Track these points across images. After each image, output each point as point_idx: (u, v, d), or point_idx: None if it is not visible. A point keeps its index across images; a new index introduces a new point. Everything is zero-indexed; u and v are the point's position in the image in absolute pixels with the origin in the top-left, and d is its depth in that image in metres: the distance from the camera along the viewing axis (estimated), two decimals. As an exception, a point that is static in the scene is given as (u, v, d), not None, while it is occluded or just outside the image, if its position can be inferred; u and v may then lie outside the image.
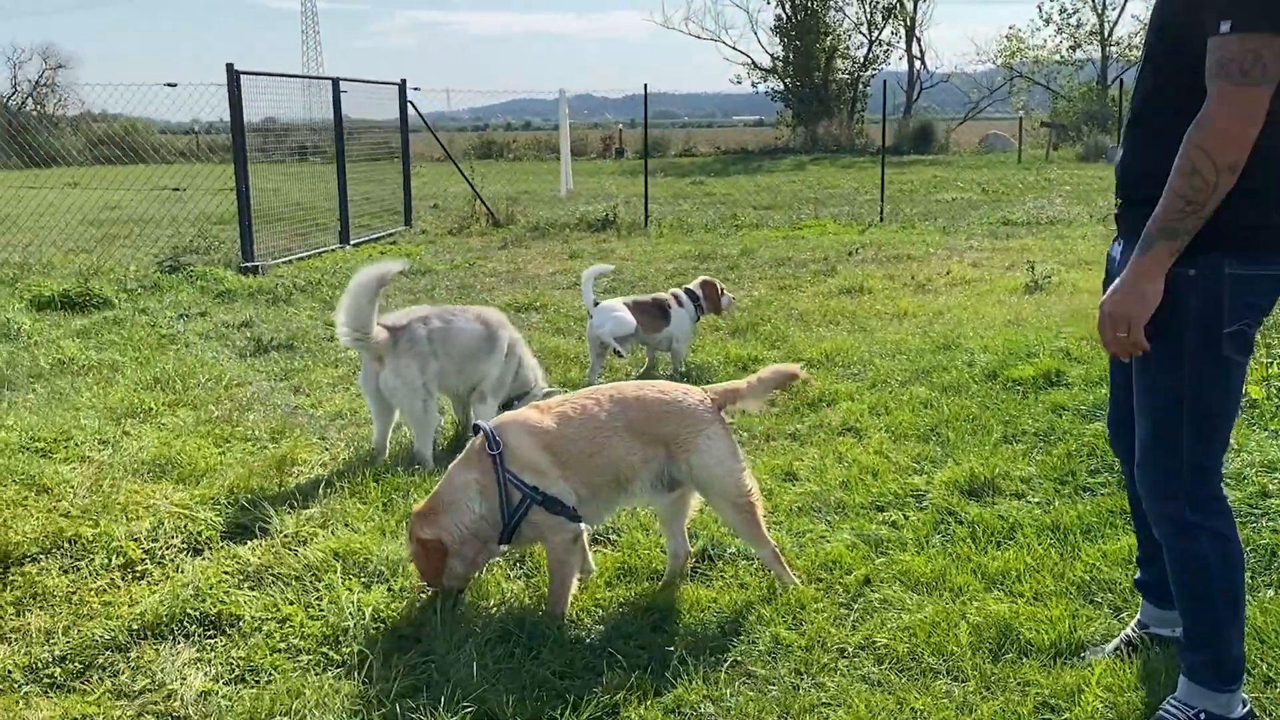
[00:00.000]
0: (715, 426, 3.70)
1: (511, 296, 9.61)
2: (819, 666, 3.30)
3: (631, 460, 3.62)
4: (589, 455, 3.56)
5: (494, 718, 3.01)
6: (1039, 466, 4.78)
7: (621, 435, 3.61)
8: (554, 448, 3.55)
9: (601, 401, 3.66)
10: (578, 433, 3.58)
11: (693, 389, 3.79)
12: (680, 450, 3.64)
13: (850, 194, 20.74)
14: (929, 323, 8.14)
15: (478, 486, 3.51)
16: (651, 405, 3.67)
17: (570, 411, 3.63)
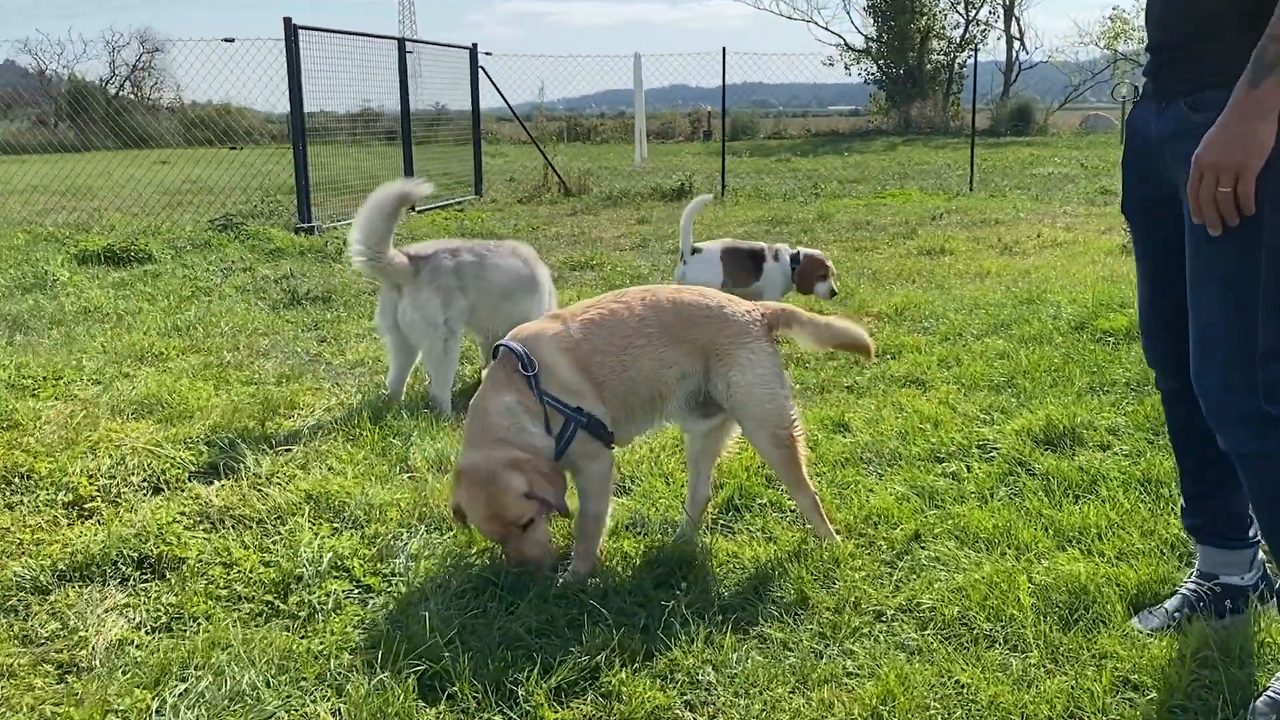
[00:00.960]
0: (761, 342, 3.18)
1: (568, 255, 9.12)
2: (849, 630, 2.73)
3: (666, 375, 3.12)
4: (622, 370, 3.08)
5: (447, 678, 2.50)
6: (1129, 417, 4.12)
7: (655, 344, 3.10)
8: (586, 363, 3.05)
9: (632, 305, 3.15)
10: (608, 343, 3.08)
11: (740, 300, 3.26)
12: (719, 363, 3.13)
13: (940, 169, 19.85)
14: (1013, 281, 7.44)
15: (524, 409, 2.99)
16: (690, 309, 3.16)
17: (597, 318, 3.11)
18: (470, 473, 2.92)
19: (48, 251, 9.15)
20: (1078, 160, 21.25)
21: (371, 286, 7.75)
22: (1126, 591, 2.79)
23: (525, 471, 2.89)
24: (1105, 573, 2.87)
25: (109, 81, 40.98)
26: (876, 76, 42.21)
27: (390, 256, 4.61)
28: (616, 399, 3.08)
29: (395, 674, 2.49)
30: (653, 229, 11.05)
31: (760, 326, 3.19)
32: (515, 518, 2.91)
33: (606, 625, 2.71)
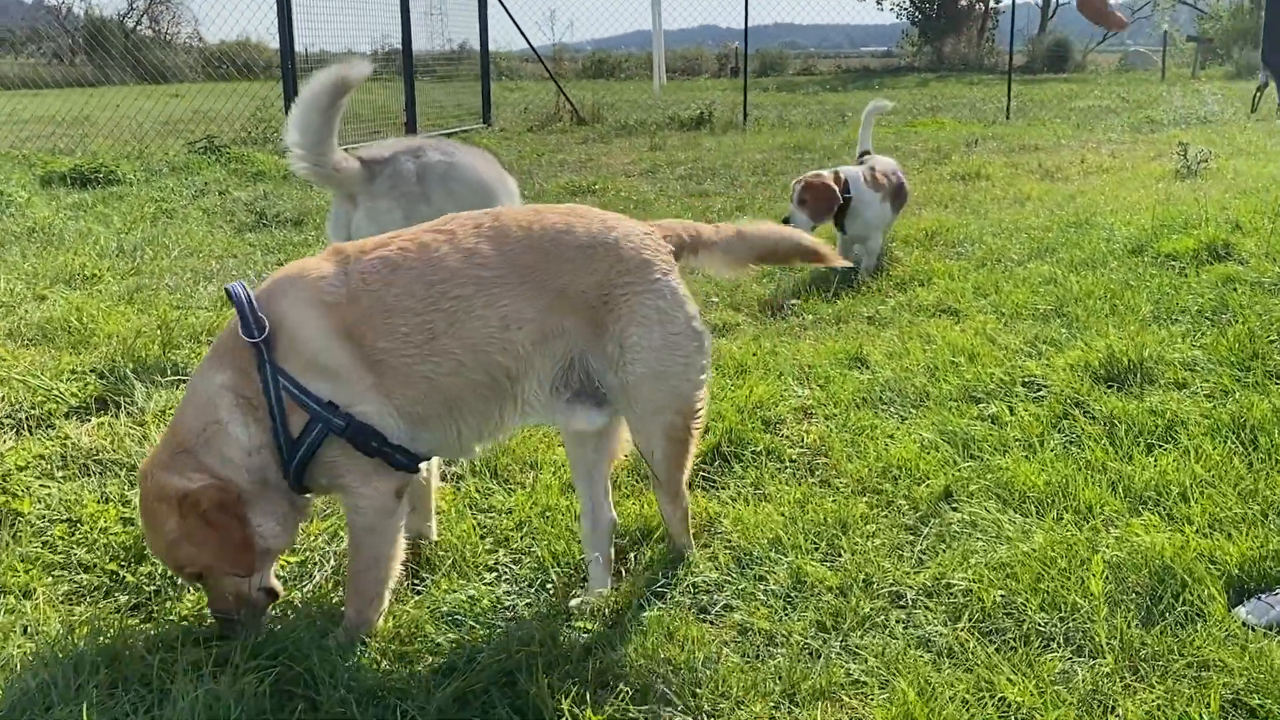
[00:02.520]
0: (669, 280, 2.16)
1: (569, 180, 8.39)
2: (856, 620, 2.08)
3: (515, 340, 2.05)
4: (429, 339, 2.01)
5: (310, 683, 1.85)
6: (1207, 350, 3.40)
7: (492, 292, 2.03)
8: (361, 329, 2.00)
9: (457, 235, 2.09)
10: (407, 295, 2.02)
11: (633, 222, 2.23)
12: (611, 318, 2.11)
13: (975, 101, 18.89)
14: (1057, 205, 6.67)
15: (233, 399, 1.99)
16: (557, 238, 2.10)
17: (395, 255, 2.05)
18: (141, 486, 2.00)
19: (11, 172, 8.50)
20: (1119, 94, 20.23)
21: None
22: (1227, 571, 2.11)
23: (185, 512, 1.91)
24: (1197, 546, 2.19)
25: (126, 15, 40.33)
26: (909, 12, 40.96)
27: (338, 159, 3.84)
28: (418, 387, 2.02)
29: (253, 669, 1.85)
30: (665, 156, 10.29)
31: (667, 255, 2.19)
32: (175, 569, 2.04)
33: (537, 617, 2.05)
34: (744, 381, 3.36)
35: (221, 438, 1.95)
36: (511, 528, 2.49)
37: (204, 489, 1.90)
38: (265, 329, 1.96)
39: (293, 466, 1.97)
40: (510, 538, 2.44)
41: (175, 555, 1.94)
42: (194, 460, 1.94)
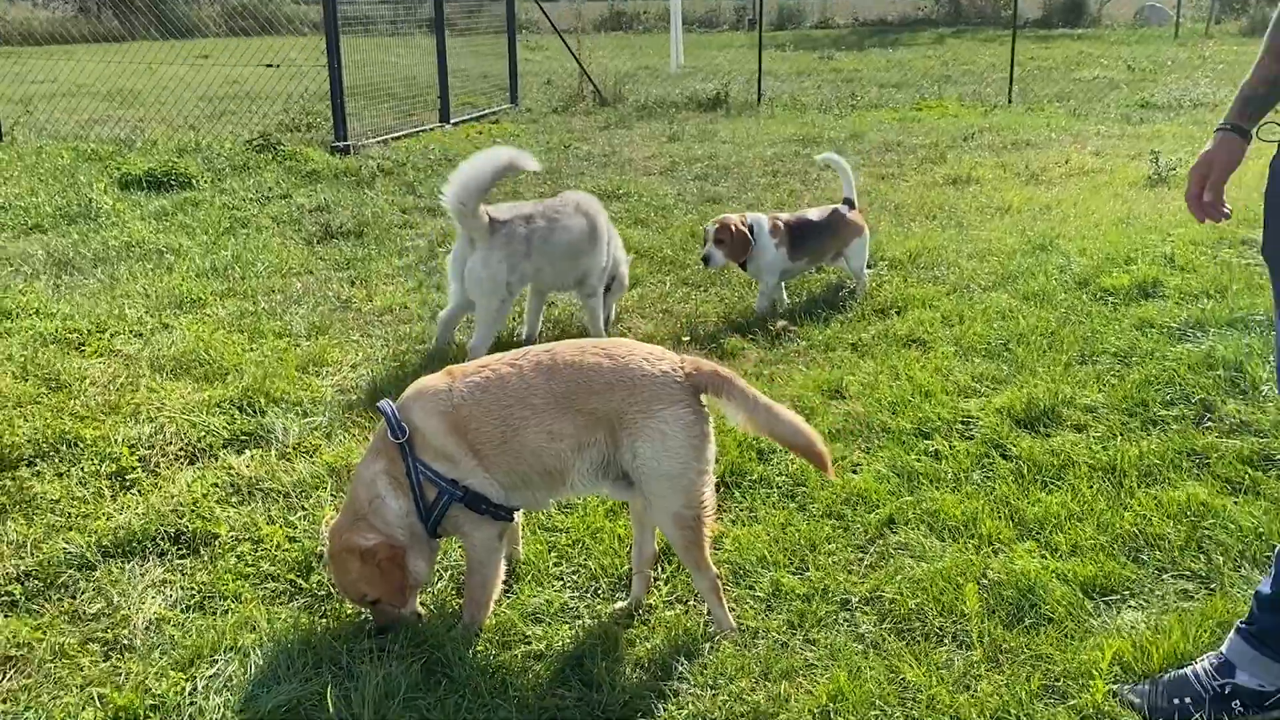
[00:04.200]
0: (678, 408, 2.84)
1: (597, 184, 9.24)
2: (814, 620, 3.00)
3: (558, 448, 2.86)
4: (502, 441, 2.85)
5: (442, 666, 2.80)
6: (1108, 393, 4.29)
7: (542, 416, 2.85)
8: (463, 429, 2.86)
9: (523, 368, 2.90)
10: (487, 410, 2.85)
11: (663, 353, 2.94)
12: (625, 433, 2.83)
13: (984, 71, 19.53)
14: (1032, 219, 7.52)
15: (388, 480, 2.88)
16: (590, 374, 2.86)
17: (483, 380, 2.89)
18: (330, 543, 2.93)
19: (91, 174, 9.41)
20: (1125, 61, 20.80)
21: (402, 221, 7.98)
22: (1073, 588, 3.02)
23: (366, 561, 2.80)
24: (1054, 568, 3.11)
25: (150, -31, 40.98)
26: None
27: (480, 213, 4.85)
28: (502, 469, 2.87)
29: (393, 660, 2.80)
30: (683, 149, 11.11)
31: (680, 388, 2.85)
32: (353, 599, 2.93)
33: (593, 616, 3.00)
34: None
35: (383, 508, 2.88)
36: (569, 544, 3.42)
37: (379, 545, 2.82)
38: (406, 432, 2.87)
39: (429, 524, 2.90)
40: (569, 553, 3.38)
41: (357, 591, 2.88)
42: (367, 524, 2.86)
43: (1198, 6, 35.90)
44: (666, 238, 7.41)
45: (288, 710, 2.62)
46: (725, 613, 2.99)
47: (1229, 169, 2.62)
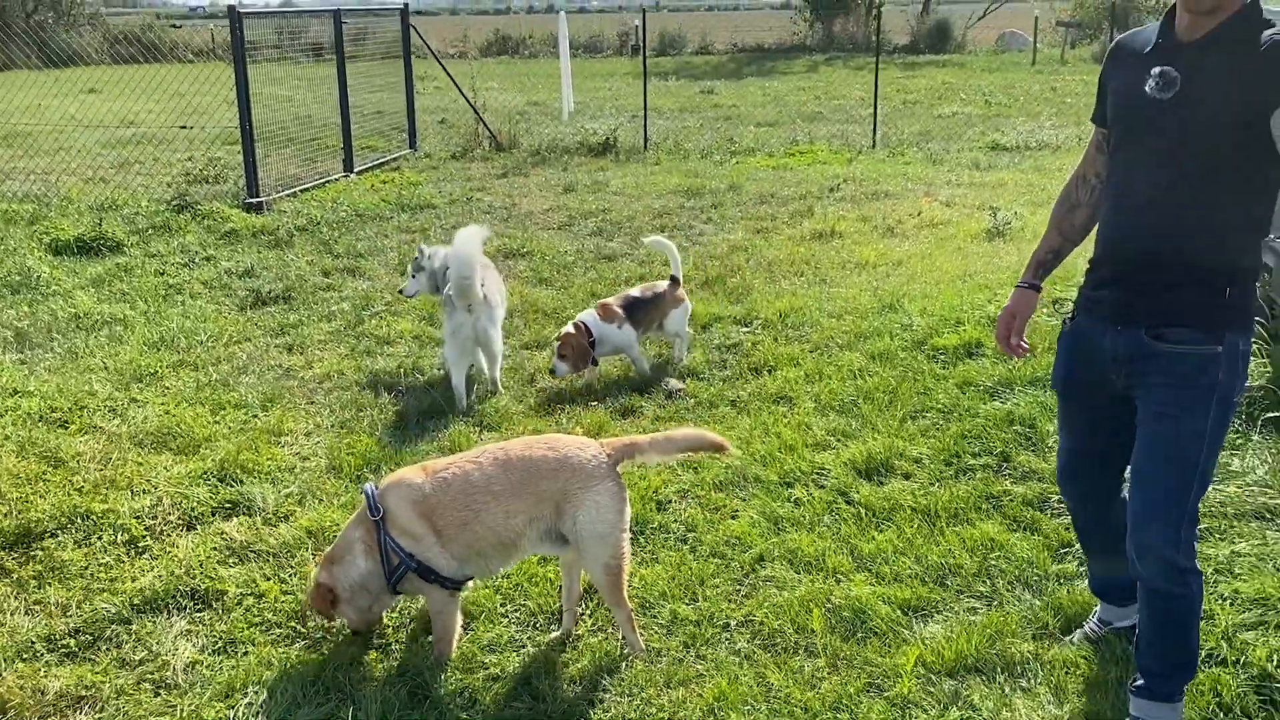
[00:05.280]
0: (606, 483, 3.71)
1: (502, 242, 10.14)
2: (704, 640, 3.96)
3: (513, 524, 3.71)
4: (464, 524, 3.70)
5: (424, 689, 3.69)
6: (931, 447, 5.37)
7: (501, 499, 3.70)
8: (431, 515, 3.71)
9: (483, 464, 3.75)
10: (453, 500, 3.70)
11: (589, 442, 3.86)
12: (568, 505, 3.70)
13: (853, 107, 20.97)
14: (885, 275, 8.66)
15: (363, 545, 3.75)
16: (538, 464, 3.72)
17: (449, 477, 3.74)
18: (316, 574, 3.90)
19: (19, 240, 9.98)
20: (984, 95, 22.46)
21: (325, 283, 8.76)
22: (894, 608, 4.05)
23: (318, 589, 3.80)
24: (880, 593, 4.14)
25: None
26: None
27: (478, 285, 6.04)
28: (462, 546, 3.71)
29: (385, 685, 3.68)
30: (578, 202, 12.07)
31: (605, 468, 3.71)
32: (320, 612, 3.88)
33: (535, 645, 3.93)
34: (646, 472, 5.23)
35: (350, 564, 3.80)
36: (511, 589, 4.33)
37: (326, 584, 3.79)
38: (380, 513, 3.78)
39: (390, 582, 3.81)
40: (512, 595, 4.29)
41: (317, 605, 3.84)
42: (330, 570, 3.81)
43: (1055, 33, 38.17)
44: (569, 296, 8.34)
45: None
46: (637, 638, 3.91)
47: (1028, 317, 3.46)
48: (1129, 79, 3.04)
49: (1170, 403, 3.01)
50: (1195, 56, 2.88)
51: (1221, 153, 2.87)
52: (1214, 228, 2.94)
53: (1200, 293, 2.97)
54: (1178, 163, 2.94)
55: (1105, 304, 3.15)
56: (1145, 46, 3.03)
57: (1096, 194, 3.28)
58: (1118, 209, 3.12)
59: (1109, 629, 3.77)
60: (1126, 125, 3.07)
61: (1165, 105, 2.91)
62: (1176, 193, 2.95)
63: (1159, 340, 3.01)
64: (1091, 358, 3.22)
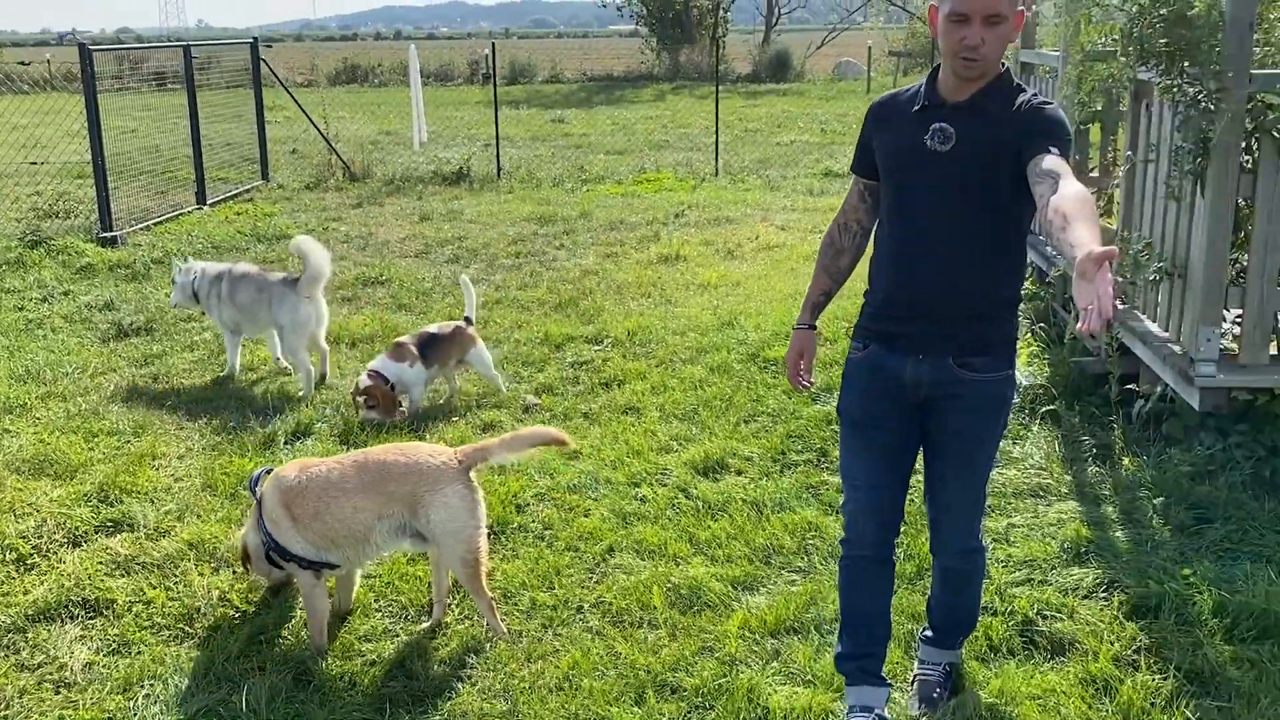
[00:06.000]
0: (455, 486, 4.15)
1: (360, 269, 10.48)
2: (561, 621, 4.46)
3: (360, 518, 4.14)
4: (316, 514, 4.15)
5: (307, 675, 4.11)
6: (761, 446, 6.00)
7: (351, 496, 4.14)
8: (290, 504, 4.18)
9: (343, 465, 4.23)
10: (310, 493, 4.17)
11: (441, 449, 4.30)
12: (420, 506, 4.13)
13: (697, 135, 21.83)
14: (725, 295, 9.33)
15: (254, 521, 4.32)
16: (390, 467, 4.19)
17: (314, 474, 4.21)
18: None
19: None
20: (819, 123, 23.63)
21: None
22: (726, 585, 4.62)
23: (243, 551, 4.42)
24: (715, 572, 4.71)
25: None
26: (647, 18, 43.75)
27: None
28: (315, 534, 4.15)
29: (271, 674, 4.08)
30: (434, 230, 12.47)
31: (456, 472, 4.15)
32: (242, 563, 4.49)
33: (408, 634, 4.37)
34: (505, 479, 5.71)
35: (249, 533, 4.34)
36: (384, 586, 4.76)
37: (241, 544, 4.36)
38: (257, 496, 4.29)
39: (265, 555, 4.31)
40: (384, 592, 4.72)
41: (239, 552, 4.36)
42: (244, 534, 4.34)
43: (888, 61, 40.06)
44: (428, 321, 8.75)
45: (208, 711, 3.87)
46: (498, 623, 4.38)
47: (813, 354, 3.74)
48: (904, 134, 3.32)
49: (971, 422, 3.39)
50: (965, 115, 3.21)
51: (993, 196, 3.20)
52: (995, 263, 3.30)
53: (994, 323, 3.35)
54: (958, 207, 3.23)
55: (904, 337, 3.38)
56: (911, 106, 3.33)
57: (858, 239, 3.60)
58: (905, 254, 3.35)
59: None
60: (907, 176, 3.32)
61: (944, 156, 3.21)
62: (960, 235, 3.25)
63: (965, 369, 3.31)
64: (889, 381, 3.45)
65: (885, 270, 3.44)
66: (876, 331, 3.48)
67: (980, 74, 3.19)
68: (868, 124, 3.49)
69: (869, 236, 3.60)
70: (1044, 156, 3.02)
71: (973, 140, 3.20)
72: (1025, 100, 3.20)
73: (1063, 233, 2.71)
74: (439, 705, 3.95)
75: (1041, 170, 2.99)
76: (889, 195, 3.42)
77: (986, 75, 3.21)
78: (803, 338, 3.73)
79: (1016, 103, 3.19)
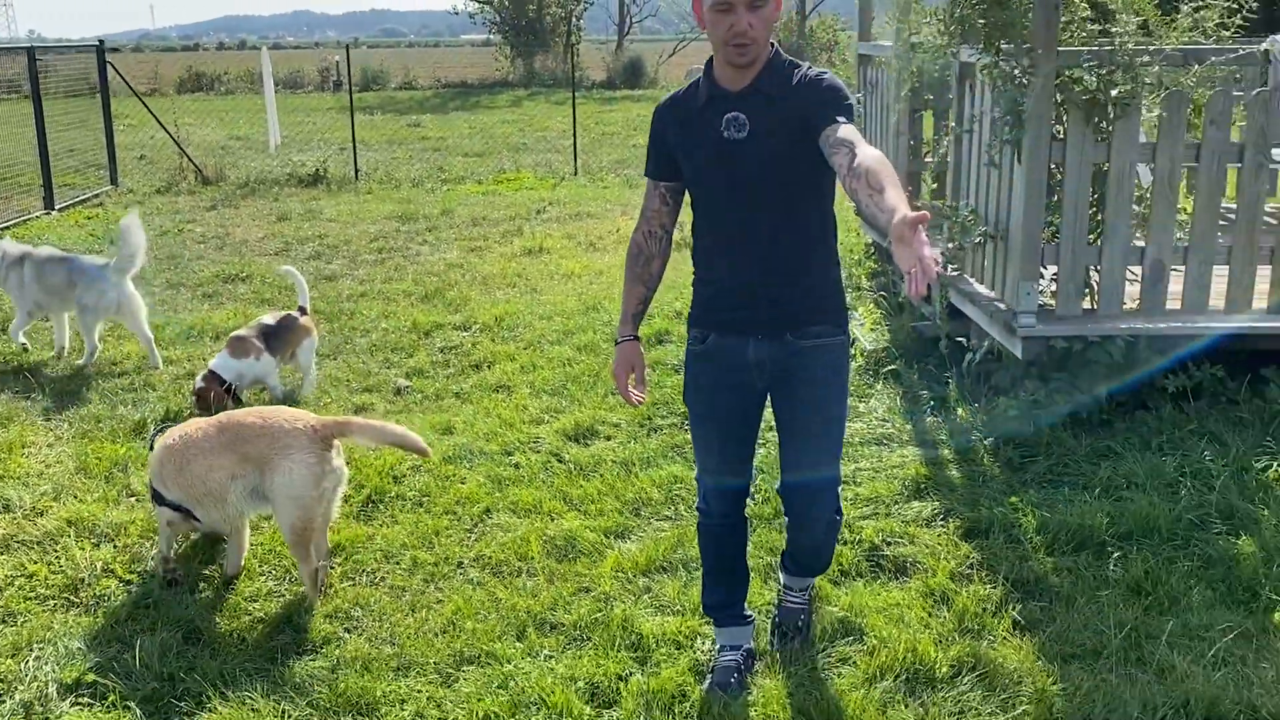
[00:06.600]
0: (304, 454, 4.25)
1: (219, 266, 10.45)
2: (442, 575, 4.68)
3: (215, 477, 4.31)
4: (179, 469, 4.36)
5: (197, 633, 4.24)
6: (629, 415, 6.31)
7: (208, 455, 4.32)
8: (164, 460, 4.44)
9: (207, 427, 4.44)
10: (178, 450, 4.40)
11: (302, 416, 4.41)
12: (267, 469, 4.27)
13: (555, 138, 22.11)
14: (589, 283, 9.63)
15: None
16: (245, 429, 4.35)
17: (187, 432, 4.46)
18: None
19: None
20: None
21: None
22: (599, 534, 4.91)
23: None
24: (588, 524, 4.99)
25: None
26: (501, 26, 43.84)
27: None
28: (178, 488, 4.37)
29: (161, 632, 4.20)
30: (293, 229, 12.46)
31: (308, 439, 4.26)
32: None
33: (293, 595, 4.54)
34: (381, 454, 5.88)
35: None
36: (267, 553, 4.89)
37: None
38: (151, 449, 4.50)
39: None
40: (268, 559, 4.86)
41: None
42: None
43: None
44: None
45: (101, 668, 3.97)
46: (315, 592, 4.41)
47: (642, 366, 3.78)
48: (699, 131, 3.38)
49: (819, 389, 3.50)
50: (751, 101, 3.29)
51: (796, 172, 3.31)
52: (811, 234, 3.42)
53: (822, 290, 3.47)
54: (767, 190, 3.31)
55: (740, 322, 3.47)
56: (698, 102, 3.38)
57: (664, 244, 3.70)
58: (728, 243, 3.45)
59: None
60: (712, 170, 3.38)
61: (742, 144, 3.29)
62: (775, 215, 3.34)
63: (803, 339, 3.43)
64: (732, 368, 3.54)
65: (712, 261, 3.54)
66: (713, 321, 3.55)
67: (753, 59, 3.25)
68: (658, 128, 3.51)
69: (672, 238, 3.73)
70: (836, 126, 3.12)
71: (765, 123, 3.27)
72: (802, 75, 3.29)
73: (872, 199, 2.85)
74: (327, 652, 4.13)
75: (836, 140, 3.08)
76: (699, 192, 3.49)
77: (759, 59, 3.28)
78: (629, 350, 3.74)
79: (795, 79, 3.28)
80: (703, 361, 3.63)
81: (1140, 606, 4.10)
